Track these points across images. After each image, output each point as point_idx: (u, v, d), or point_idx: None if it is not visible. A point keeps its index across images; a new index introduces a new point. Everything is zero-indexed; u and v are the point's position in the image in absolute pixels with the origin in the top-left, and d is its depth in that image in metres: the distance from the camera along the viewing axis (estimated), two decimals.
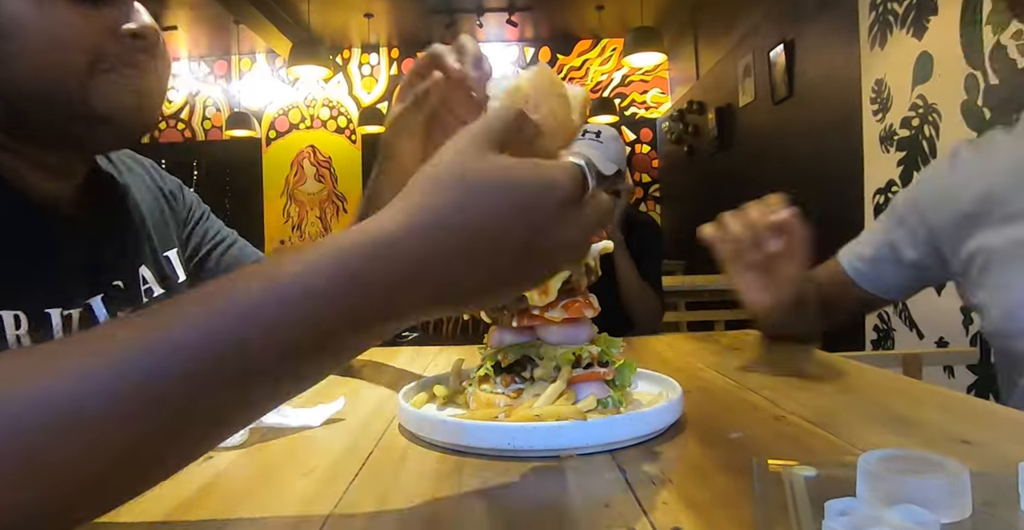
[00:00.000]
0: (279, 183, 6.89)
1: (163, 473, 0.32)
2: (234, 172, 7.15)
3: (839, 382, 0.70)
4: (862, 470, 0.33)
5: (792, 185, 3.53)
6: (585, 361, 0.54)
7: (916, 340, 2.33)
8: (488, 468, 0.46)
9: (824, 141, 3.14)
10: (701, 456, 0.47)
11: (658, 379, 0.62)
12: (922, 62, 2.27)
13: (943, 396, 0.62)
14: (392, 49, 6.71)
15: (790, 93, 3.47)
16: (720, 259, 0.79)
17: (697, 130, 5.26)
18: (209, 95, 7.07)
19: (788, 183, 3.60)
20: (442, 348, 0.99)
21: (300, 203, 6.85)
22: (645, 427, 0.50)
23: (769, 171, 3.86)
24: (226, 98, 6.97)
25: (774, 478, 0.38)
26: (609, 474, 0.44)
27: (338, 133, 6.78)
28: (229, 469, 0.47)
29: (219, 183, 7.26)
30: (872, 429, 0.51)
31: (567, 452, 0.47)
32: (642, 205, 6.73)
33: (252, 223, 6.98)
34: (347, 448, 0.51)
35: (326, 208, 6.80)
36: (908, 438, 0.49)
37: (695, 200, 5.58)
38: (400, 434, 0.54)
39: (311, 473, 0.45)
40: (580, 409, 0.50)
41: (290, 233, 6.92)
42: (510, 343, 0.56)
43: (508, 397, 0.53)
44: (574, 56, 6.69)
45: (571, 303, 0.54)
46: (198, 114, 7.06)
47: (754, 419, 0.56)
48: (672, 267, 5.57)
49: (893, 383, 0.70)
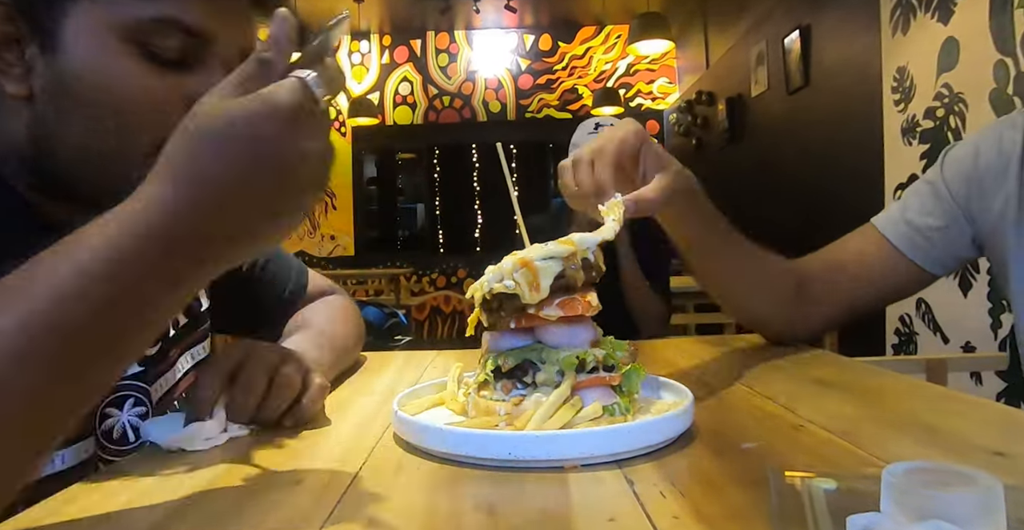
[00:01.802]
0: None
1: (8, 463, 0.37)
2: None
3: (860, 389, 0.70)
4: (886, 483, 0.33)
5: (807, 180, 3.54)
6: (590, 365, 0.54)
7: (940, 344, 2.33)
8: (487, 479, 0.46)
9: (842, 133, 3.15)
10: (713, 467, 0.47)
11: (667, 385, 0.62)
12: (948, 48, 2.27)
13: (972, 404, 0.62)
14: (383, 36, 6.70)
15: (806, 82, 3.47)
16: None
17: (706, 122, 5.26)
18: None
19: (803, 178, 3.61)
20: (438, 352, 0.99)
21: None
22: (654, 436, 0.49)
23: (783, 166, 3.87)
24: None
25: (791, 491, 0.37)
26: (616, 486, 0.43)
27: None
28: (214, 482, 0.47)
29: None
30: (897, 439, 0.51)
31: (571, 463, 0.47)
32: None
33: None
34: (338, 459, 0.51)
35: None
36: (936, 449, 0.49)
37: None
38: (395, 444, 0.54)
39: (300, 485, 0.45)
40: (585, 417, 0.50)
41: None
42: (509, 347, 0.56)
43: (509, 404, 0.53)
44: (576, 44, 6.69)
45: (567, 301, 0.53)
46: None
47: (770, 428, 0.56)
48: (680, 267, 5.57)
49: (918, 390, 0.70)
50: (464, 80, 6.75)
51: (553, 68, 6.72)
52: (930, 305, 2.38)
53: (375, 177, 7.20)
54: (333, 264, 6.80)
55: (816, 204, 3.40)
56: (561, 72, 6.72)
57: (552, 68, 6.72)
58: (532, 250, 0.54)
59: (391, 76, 6.73)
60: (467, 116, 6.80)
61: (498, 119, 6.76)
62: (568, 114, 6.70)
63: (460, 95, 6.75)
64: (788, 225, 3.73)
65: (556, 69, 6.72)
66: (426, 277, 6.85)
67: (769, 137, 4.12)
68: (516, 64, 6.72)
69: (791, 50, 3.59)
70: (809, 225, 3.40)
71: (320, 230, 6.79)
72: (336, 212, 6.76)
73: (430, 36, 6.72)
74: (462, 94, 6.75)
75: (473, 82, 6.77)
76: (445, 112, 6.77)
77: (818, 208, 3.35)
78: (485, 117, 6.78)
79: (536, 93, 6.73)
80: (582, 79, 6.70)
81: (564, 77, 6.72)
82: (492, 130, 6.67)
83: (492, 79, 6.73)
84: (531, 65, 6.72)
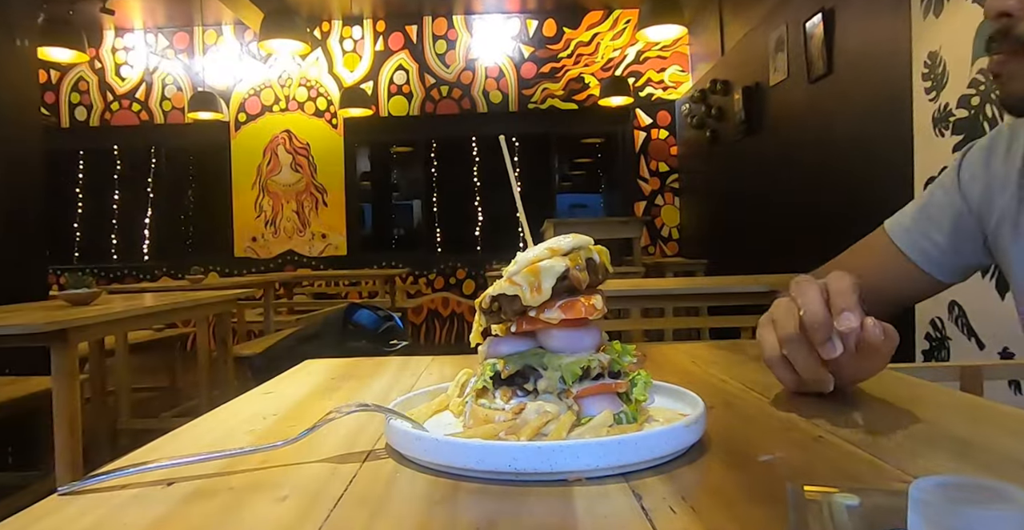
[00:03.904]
0: (250, 173, 6.90)
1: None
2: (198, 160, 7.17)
3: (887, 398, 0.70)
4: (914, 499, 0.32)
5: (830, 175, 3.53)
6: (594, 372, 0.54)
7: (975, 350, 2.33)
8: (486, 493, 0.46)
9: (868, 125, 3.14)
10: (727, 481, 0.47)
11: (677, 393, 0.62)
12: (984, 32, 2.27)
13: (1009, 415, 0.62)
14: (377, 21, 6.72)
15: (829, 70, 3.47)
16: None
17: (722, 113, 5.26)
18: (169, 72, 7.08)
19: (826, 173, 3.60)
20: (433, 357, 0.99)
21: (274, 195, 6.86)
22: (663, 447, 0.49)
23: (804, 159, 3.86)
24: (188, 76, 6.98)
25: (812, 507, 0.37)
26: (623, 501, 0.43)
27: (317, 116, 6.79)
28: (191, 496, 0.46)
29: (181, 173, 7.27)
30: (926, 452, 0.51)
31: (575, 475, 0.47)
32: (659, 198, 6.73)
33: (219, 218, 7.00)
34: (327, 471, 0.51)
35: (304, 201, 6.82)
36: (968, 463, 0.49)
37: (719, 192, 5.58)
38: (387, 455, 0.54)
39: (285, 500, 0.45)
40: (595, 426, 0.50)
41: (263, 229, 6.93)
42: (509, 352, 0.55)
43: (509, 412, 0.53)
44: (582, 29, 6.70)
45: (571, 303, 0.53)
46: (156, 94, 7.07)
47: (788, 439, 0.55)
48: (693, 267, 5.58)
49: (950, 400, 0.70)
50: (463, 68, 6.77)
51: (558, 55, 6.73)
52: (963, 308, 2.38)
53: (368, 172, 7.22)
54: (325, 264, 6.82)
55: (840, 201, 3.39)
56: (566, 60, 6.73)
57: (557, 55, 6.73)
58: (557, 241, 0.54)
59: (385, 64, 6.74)
60: (466, 107, 6.81)
61: (499, 110, 6.77)
62: (574, 105, 6.71)
63: (459, 85, 6.76)
64: (809, 224, 3.72)
65: (561, 57, 6.73)
66: (423, 278, 6.86)
67: (789, 129, 4.11)
68: (518, 51, 6.73)
69: (813, 35, 3.58)
70: (832, 224, 3.39)
71: (310, 228, 6.81)
72: (327, 209, 6.77)
73: (427, 21, 6.74)
74: (461, 83, 6.76)
75: (473, 71, 6.78)
76: (443, 103, 6.78)
77: (842, 206, 3.35)
78: (485, 108, 6.80)
79: (540, 82, 6.74)
80: (588, 67, 6.71)
81: (569, 65, 6.73)
82: (493, 122, 6.68)
83: (493, 67, 6.74)
84: (534, 52, 6.73)
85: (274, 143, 6.83)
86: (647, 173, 6.76)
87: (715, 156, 5.53)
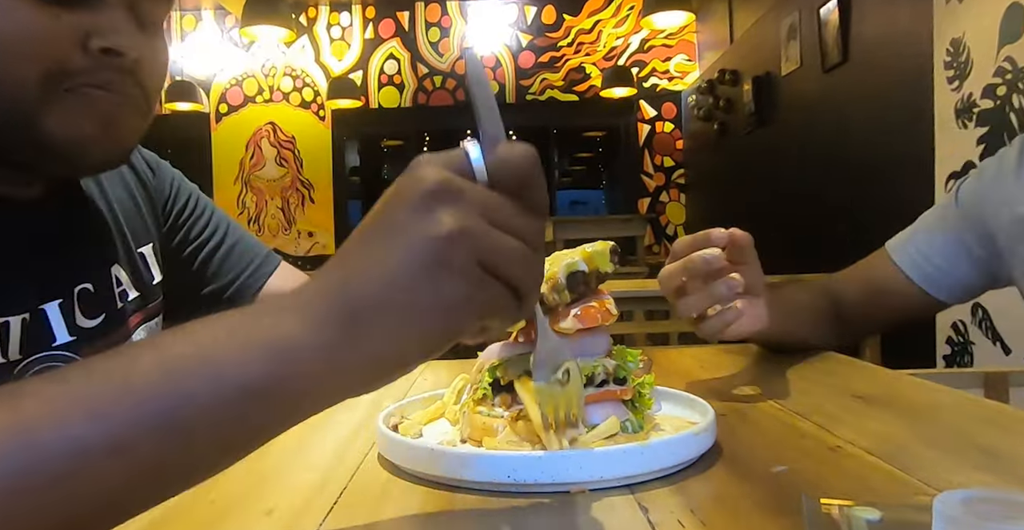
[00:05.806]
0: (232, 167, 6.89)
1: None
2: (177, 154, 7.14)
3: (907, 406, 0.70)
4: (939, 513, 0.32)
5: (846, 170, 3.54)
6: (599, 378, 0.54)
7: (1001, 356, 2.33)
8: (485, 506, 0.45)
9: (886, 116, 3.15)
10: (738, 493, 0.47)
11: (686, 400, 0.62)
12: (1011, 17, 2.26)
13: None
14: (367, 7, 6.71)
15: (844, 58, 3.48)
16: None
17: (730, 104, 5.27)
18: None
19: (841, 167, 3.61)
20: (429, 363, 0.98)
21: (258, 191, 6.85)
22: (671, 457, 0.49)
23: (817, 153, 3.87)
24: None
25: (828, 521, 0.37)
26: (628, 514, 0.43)
27: (303, 108, 6.79)
28: (175, 508, 0.46)
29: None
30: (950, 464, 0.51)
31: (578, 487, 0.47)
32: (664, 194, 6.74)
33: None
34: (317, 482, 0.51)
35: (289, 197, 6.81)
36: (995, 475, 0.49)
37: (727, 188, 5.59)
38: (380, 465, 0.54)
39: (273, 513, 0.45)
40: (600, 434, 0.50)
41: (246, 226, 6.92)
42: (509, 356, 0.55)
43: (508, 420, 0.53)
44: (583, 16, 6.70)
45: (586, 309, 0.53)
46: None
47: (803, 449, 0.56)
48: None
49: (974, 408, 0.70)
50: (458, 58, 6.76)
51: (557, 44, 6.73)
52: (988, 311, 2.38)
53: (358, 166, 7.21)
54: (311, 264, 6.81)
55: (856, 198, 3.40)
56: (566, 49, 6.73)
57: (556, 44, 6.73)
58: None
59: (375, 53, 6.74)
60: (461, 98, 6.80)
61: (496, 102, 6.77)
62: (574, 96, 6.71)
63: (453, 75, 6.76)
64: (823, 221, 3.73)
65: (561, 45, 6.73)
66: None
67: (802, 121, 4.12)
68: (516, 40, 6.73)
69: (827, 22, 3.59)
70: (848, 222, 3.39)
71: (296, 226, 6.80)
72: (314, 206, 6.77)
73: (419, 8, 6.74)
74: (455, 74, 6.76)
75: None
76: (436, 93, 6.78)
77: (859, 203, 3.35)
78: None
79: (538, 72, 6.74)
80: (590, 56, 6.71)
81: (570, 54, 6.73)
82: None
83: (489, 57, 6.74)
84: (533, 41, 6.73)
85: (257, 136, 6.82)
86: (651, 168, 6.76)
87: (723, 150, 5.53)
